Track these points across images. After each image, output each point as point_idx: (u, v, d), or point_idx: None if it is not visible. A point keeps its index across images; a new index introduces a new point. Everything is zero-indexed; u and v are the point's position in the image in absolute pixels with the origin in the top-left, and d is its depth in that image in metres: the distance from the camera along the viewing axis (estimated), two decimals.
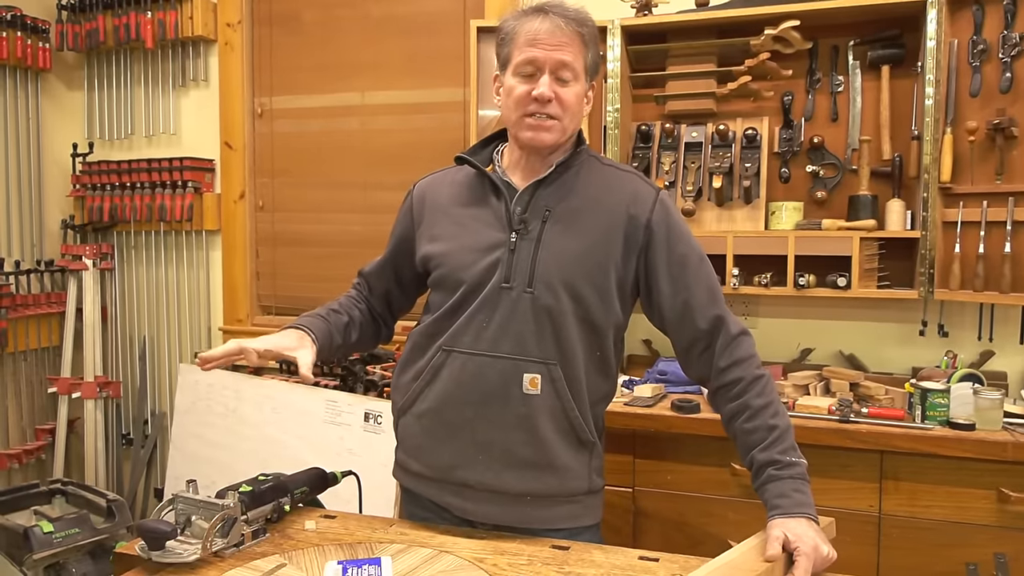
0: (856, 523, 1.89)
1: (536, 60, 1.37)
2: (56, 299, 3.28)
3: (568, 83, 1.38)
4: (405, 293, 1.64)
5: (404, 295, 1.64)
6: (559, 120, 1.39)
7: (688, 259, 1.43)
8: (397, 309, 1.67)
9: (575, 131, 1.46)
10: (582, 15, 1.40)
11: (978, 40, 2.08)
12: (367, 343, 1.66)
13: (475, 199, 1.47)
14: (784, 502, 1.28)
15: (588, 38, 1.40)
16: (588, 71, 1.42)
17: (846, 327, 2.42)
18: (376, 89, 3.00)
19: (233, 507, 1.29)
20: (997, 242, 2.05)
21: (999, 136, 2.04)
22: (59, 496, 2.84)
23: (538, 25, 1.37)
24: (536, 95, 1.36)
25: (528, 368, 1.38)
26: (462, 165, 1.53)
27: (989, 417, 1.86)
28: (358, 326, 1.60)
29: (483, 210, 1.45)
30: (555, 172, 1.44)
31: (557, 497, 1.42)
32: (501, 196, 1.44)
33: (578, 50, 1.38)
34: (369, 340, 1.66)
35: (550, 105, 1.37)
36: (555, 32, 1.36)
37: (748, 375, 1.38)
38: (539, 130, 1.39)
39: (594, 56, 1.43)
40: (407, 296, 1.65)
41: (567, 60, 1.36)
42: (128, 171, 3.22)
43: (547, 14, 1.38)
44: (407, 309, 1.69)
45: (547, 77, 1.37)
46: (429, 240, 1.49)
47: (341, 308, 1.59)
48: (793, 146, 2.37)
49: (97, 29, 3.22)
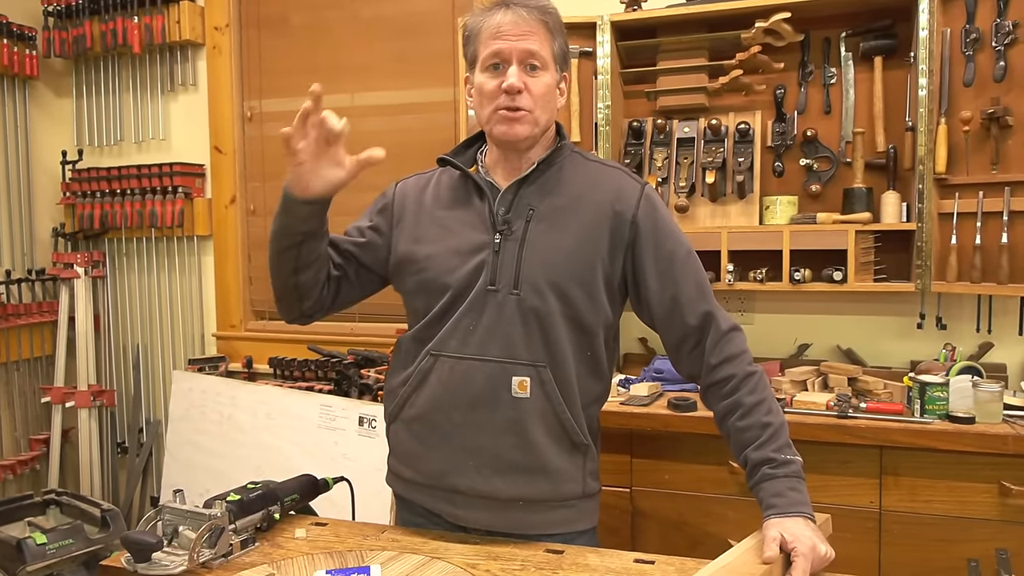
0: (857, 519, 1.87)
1: (502, 52, 1.35)
2: (48, 308, 3.26)
3: (537, 72, 1.36)
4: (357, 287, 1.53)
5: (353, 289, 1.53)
6: (531, 111, 1.36)
7: (676, 254, 1.40)
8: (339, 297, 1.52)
9: (549, 123, 1.42)
10: (543, 4, 1.38)
11: (971, 29, 2.06)
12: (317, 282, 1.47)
13: (458, 201, 1.45)
14: (780, 501, 1.25)
15: (553, 26, 1.38)
16: (557, 60, 1.39)
17: (843, 321, 2.40)
18: (365, 90, 2.98)
19: (220, 517, 1.27)
20: (994, 233, 2.03)
21: (994, 125, 2.02)
22: (53, 507, 2.82)
23: (500, 18, 1.35)
24: (505, 87, 1.34)
25: (517, 371, 1.35)
26: (445, 166, 1.50)
27: (989, 410, 1.84)
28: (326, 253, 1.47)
29: (466, 212, 1.43)
30: (537, 170, 1.41)
31: (550, 502, 1.40)
32: (484, 196, 1.42)
33: (544, 38, 1.36)
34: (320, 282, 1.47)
35: (520, 96, 1.34)
36: (518, 22, 1.34)
37: (740, 372, 1.36)
38: (511, 122, 1.36)
39: (561, 45, 1.40)
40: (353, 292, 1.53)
41: (533, 48, 1.35)
42: (118, 178, 3.20)
43: (508, 7, 1.36)
44: (338, 308, 1.54)
45: (515, 67, 1.34)
46: (410, 242, 1.46)
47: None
48: (786, 140, 2.35)
49: (84, 35, 3.20)
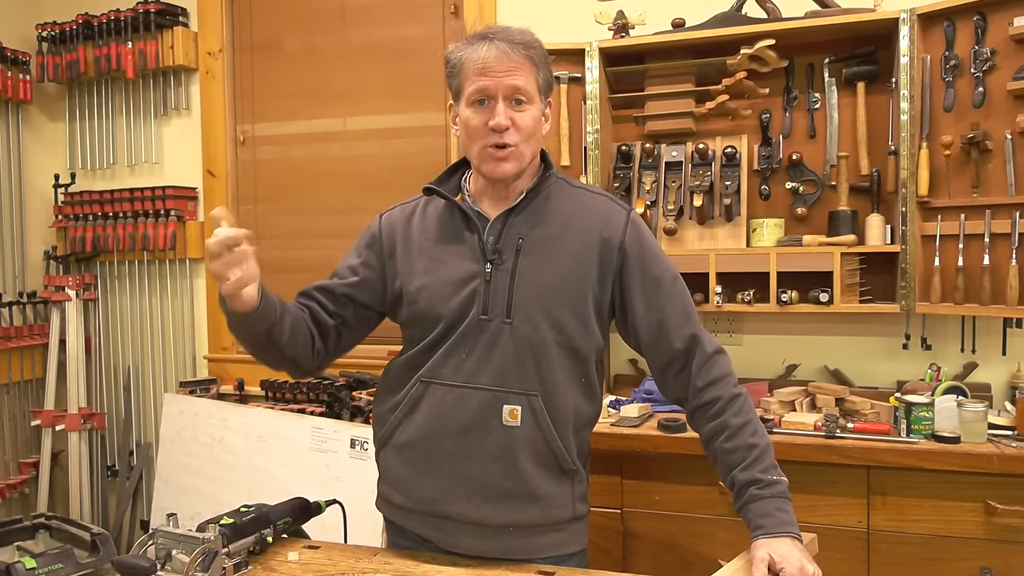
0: (845, 539, 1.88)
1: (488, 89, 1.36)
2: (39, 331, 3.26)
3: (523, 107, 1.37)
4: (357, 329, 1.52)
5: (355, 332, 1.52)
6: (517, 146, 1.38)
7: (662, 280, 1.43)
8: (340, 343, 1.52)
9: (535, 154, 1.44)
10: (527, 37, 1.39)
11: (950, 56, 2.10)
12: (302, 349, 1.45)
13: (446, 231, 1.46)
14: (768, 522, 1.27)
15: (537, 59, 1.39)
16: (541, 91, 1.41)
17: (830, 342, 2.43)
18: (357, 115, 3.01)
19: (214, 540, 1.27)
20: (976, 255, 2.07)
21: (974, 150, 2.06)
22: (43, 531, 2.80)
23: (484, 53, 1.36)
24: (493, 125, 1.35)
25: (508, 399, 1.37)
26: (431, 196, 1.51)
27: (974, 429, 1.87)
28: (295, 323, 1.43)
29: (456, 242, 1.44)
30: (525, 199, 1.43)
31: (540, 527, 1.41)
32: (473, 227, 1.43)
33: (529, 72, 1.37)
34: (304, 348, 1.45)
35: (508, 133, 1.36)
36: (503, 58, 1.35)
37: (726, 394, 1.38)
38: (499, 161, 1.38)
39: (546, 75, 1.42)
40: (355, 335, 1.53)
41: (519, 84, 1.36)
42: (111, 201, 3.21)
43: (492, 40, 1.36)
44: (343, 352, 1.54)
45: (501, 105, 1.36)
46: (402, 275, 1.46)
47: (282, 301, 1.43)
48: (772, 163, 2.39)
49: (78, 60, 3.22)
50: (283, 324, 1.40)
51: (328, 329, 1.50)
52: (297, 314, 1.45)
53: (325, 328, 1.49)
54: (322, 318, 1.49)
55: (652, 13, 2.47)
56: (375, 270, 1.51)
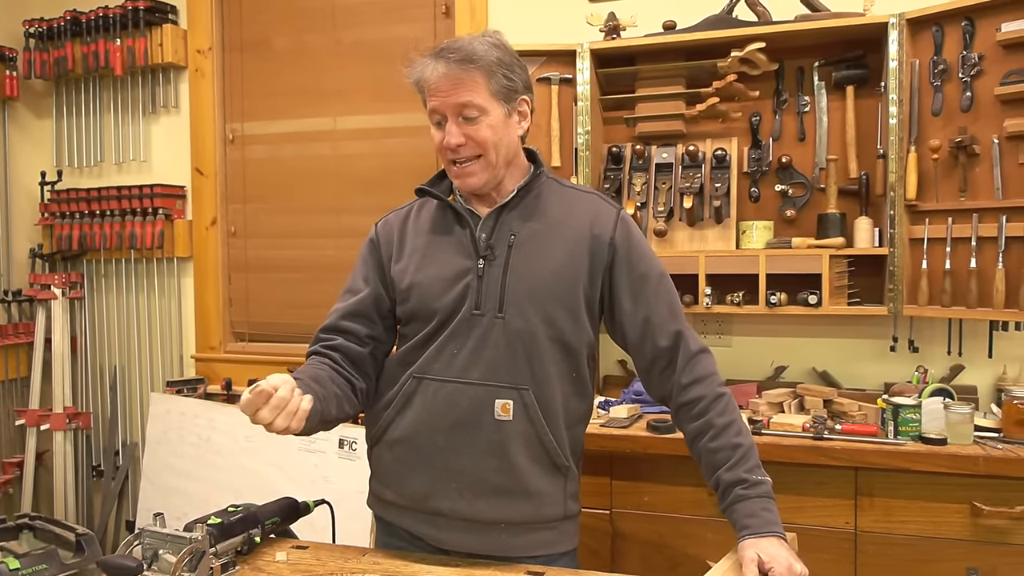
0: (832, 540, 1.89)
1: (437, 109, 1.38)
2: (24, 329, 3.23)
3: (476, 120, 1.37)
4: (388, 332, 1.53)
5: (387, 335, 1.53)
6: (481, 157, 1.39)
7: (649, 276, 1.44)
8: (381, 354, 1.53)
9: (510, 158, 1.44)
10: (468, 50, 1.37)
11: (938, 60, 2.12)
12: (349, 404, 1.45)
13: (439, 229, 1.47)
14: (754, 522, 1.28)
15: (484, 68, 1.37)
16: (498, 97, 1.39)
17: (819, 344, 2.44)
18: (348, 114, 3.00)
19: (201, 540, 1.27)
20: (963, 258, 2.08)
21: (961, 154, 2.08)
22: (27, 531, 2.78)
23: (430, 73, 1.38)
24: (444, 144, 1.38)
25: (500, 394, 1.37)
26: (423, 197, 1.52)
27: (960, 431, 1.88)
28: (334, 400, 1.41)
29: (448, 239, 1.45)
30: (517, 196, 1.44)
31: (532, 524, 1.41)
32: (465, 223, 1.44)
33: (477, 83, 1.36)
34: (351, 403, 1.46)
35: (463, 148, 1.38)
36: (445, 77, 1.36)
37: (710, 393, 1.39)
38: (464, 176, 1.41)
39: (500, 80, 1.39)
40: (389, 336, 1.54)
41: (464, 100, 1.36)
42: (98, 199, 3.19)
43: (436, 59, 1.38)
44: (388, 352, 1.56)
45: (451, 124, 1.37)
46: (399, 274, 1.48)
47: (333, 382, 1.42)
48: (762, 166, 2.40)
49: (65, 57, 3.20)
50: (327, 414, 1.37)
51: (365, 359, 1.49)
52: (330, 385, 1.40)
53: (361, 361, 1.49)
54: (355, 353, 1.48)
55: (643, 15, 2.47)
56: (381, 277, 1.52)
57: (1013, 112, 2.00)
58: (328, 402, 1.37)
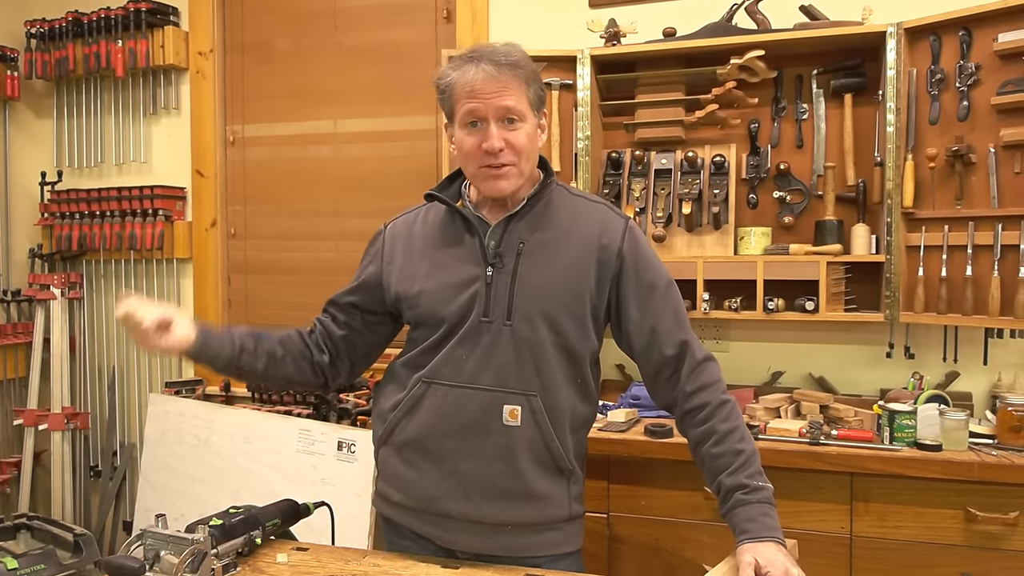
0: (828, 545, 1.91)
1: (478, 111, 1.37)
2: (23, 329, 3.23)
3: (516, 126, 1.38)
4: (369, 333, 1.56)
5: (366, 336, 1.56)
6: (514, 165, 1.39)
7: (656, 286, 1.45)
8: (357, 351, 1.57)
9: (533, 168, 1.46)
10: (513, 56, 1.38)
11: (936, 70, 2.14)
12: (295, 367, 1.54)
13: (448, 236, 1.48)
14: (753, 526, 1.29)
15: (526, 76, 1.39)
16: (533, 106, 1.41)
17: (815, 350, 2.45)
18: (348, 117, 3.01)
19: (203, 541, 1.28)
20: (959, 265, 2.10)
21: (958, 162, 2.09)
22: (24, 531, 2.78)
23: (472, 75, 1.36)
24: (486, 148, 1.37)
25: (508, 400, 1.39)
26: (432, 202, 1.53)
27: (955, 438, 1.90)
28: (279, 343, 1.53)
29: (457, 246, 1.46)
30: (527, 205, 1.45)
31: (537, 525, 1.43)
32: (474, 231, 1.45)
33: (518, 90, 1.38)
34: (298, 364, 1.54)
35: (503, 153, 1.38)
36: (490, 80, 1.36)
37: (714, 400, 1.41)
38: (497, 179, 1.40)
39: (536, 91, 1.41)
40: (370, 339, 1.57)
41: (510, 104, 1.36)
42: (98, 199, 3.19)
43: (479, 62, 1.37)
44: (370, 358, 1.60)
45: (493, 127, 1.37)
46: (403, 280, 1.49)
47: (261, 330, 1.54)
48: (760, 172, 2.42)
49: (67, 58, 3.20)
50: (252, 356, 1.50)
51: (338, 340, 1.57)
52: (287, 339, 1.55)
53: (334, 340, 1.57)
54: (332, 330, 1.57)
55: (644, 22, 2.49)
56: (375, 276, 1.54)
57: (1009, 121, 2.02)
58: (259, 344, 1.51)
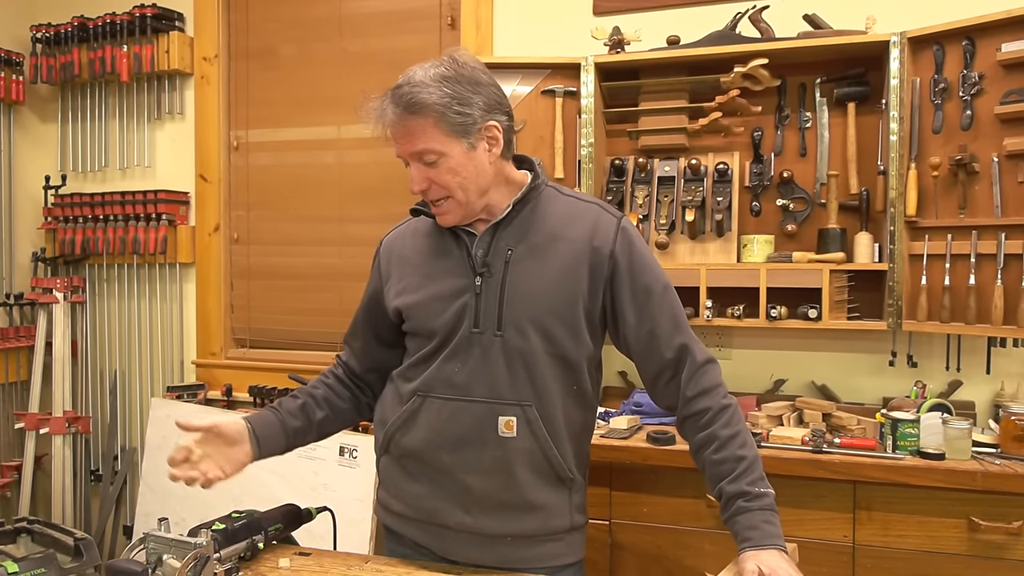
0: (831, 554, 1.90)
1: (400, 154, 1.39)
2: (25, 333, 3.23)
3: (435, 163, 1.35)
4: (390, 348, 1.56)
5: (389, 351, 1.56)
6: (447, 198, 1.38)
7: (652, 289, 1.42)
8: (385, 367, 1.57)
9: (485, 188, 1.39)
10: (413, 97, 1.32)
11: (939, 79, 2.14)
12: (344, 416, 1.61)
13: (436, 248, 1.47)
14: (755, 534, 1.28)
15: (433, 111, 1.32)
16: (455, 135, 1.34)
17: (818, 358, 2.45)
18: (352, 123, 3.02)
19: (206, 546, 1.28)
20: (962, 274, 2.10)
21: (961, 172, 2.10)
22: (24, 535, 2.77)
23: (385, 118, 1.36)
24: (412, 191, 1.39)
25: (503, 411, 1.38)
26: (418, 216, 1.53)
27: (958, 446, 1.89)
28: (322, 402, 1.57)
29: (446, 258, 1.45)
30: (513, 211, 1.43)
31: (538, 537, 1.42)
32: (461, 242, 1.44)
33: (427, 130, 1.33)
34: (347, 412, 1.61)
35: (430, 191, 1.38)
36: (395, 126, 1.35)
37: (715, 405, 1.39)
38: (439, 214, 1.42)
39: (453, 118, 1.33)
40: (393, 352, 1.56)
41: (420, 148, 1.34)
42: (101, 203, 3.20)
43: (387, 104, 1.35)
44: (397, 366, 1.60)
45: (413, 169, 1.37)
46: (397, 294, 1.49)
47: (299, 392, 1.57)
48: (763, 180, 2.42)
49: (72, 62, 3.22)
50: (304, 435, 1.56)
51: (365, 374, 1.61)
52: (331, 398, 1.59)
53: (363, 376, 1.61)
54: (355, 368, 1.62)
55: (647, 30, 2.50)
56: (377, 292, 1.56)
57: (1013, 131, 2.02)
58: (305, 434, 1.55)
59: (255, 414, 1.50)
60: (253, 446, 1.45)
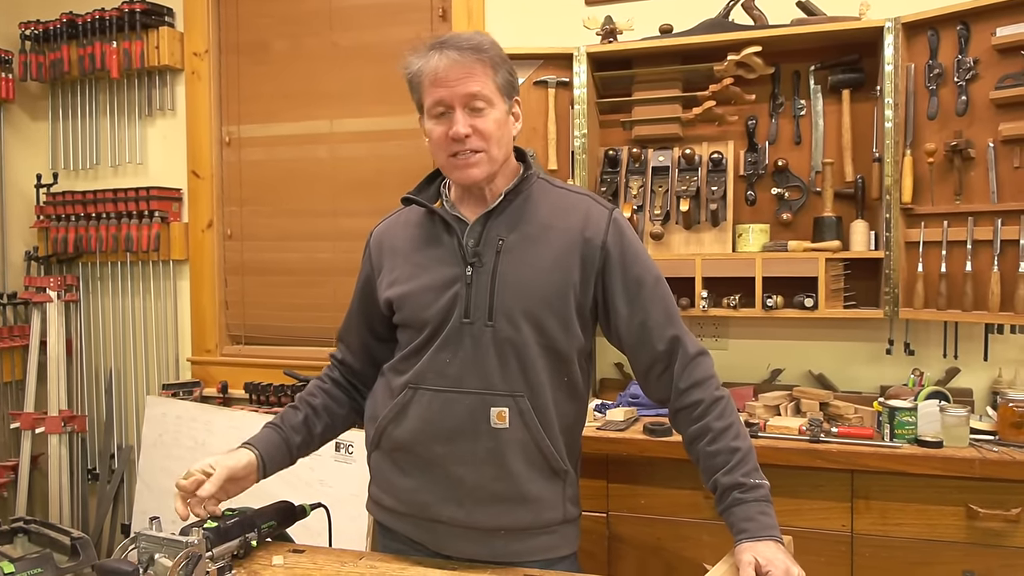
0: (829, 543, 1.90)
1: (444, 99, 1.35)
2: (19, 332, 3.22)
3: (483, 112, 1.35)
4: (384, 342, 1.55)
5: (384, 344, 1.55)
6: (484, 151, 1.37)
7: (644, 280, 1.42)
8: (381, 362, 1.56)
9: (506, 156, 1.43)
10: (477, 41, 1.36)
11: (934, 64, 2.13)
12: (344, 421, 1.62)
13: (427, 237, 1.46)
14: (751, 525, 1.28)
15: (492, 61, 1.36)
16: (503, 92, 1.38)
17: (815, 347, 2.44)
18: (345, 117, 3.00)
19: (198, 544, 1.26)
20: (958, 261, 2.09)
21: (957, 158, 2.08)
22: (21, 535, 2.76)
23: (436, 63, 1.35)
24: (452, 134, 1.35)
25: (495, 402, 1.37)
26: (410, 205, 1.51)
27: (956, 434, 1.88)
28: (322, 412, 1.57)
29: (436, 247, 1.44)
30: (504, 200, 1.42)
31: (531, 529, 1.41)
32: (452, 231, 1.42)
33: (485, 76, 1.35)
34: (346, 417, 1.61)
35: (470, 140, 1.35)
36: (454, 66, 1.34)
37: (708, 397, 1.39)
38: (466, 167, 1.37)
39: (504, 76, 1.39)
40: (387, 346, 1.54)
41: (475, 90, 1.34)
42: (93, 201, 3.18)
43: (443, 50, 1.35)
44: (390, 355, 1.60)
45: (459, 114, 1.35)
46: (389, 285, 1.48)
47: (299, 404, 1.57)
48: (758, 169, 2.41)
49: (61, 59, 3.19)
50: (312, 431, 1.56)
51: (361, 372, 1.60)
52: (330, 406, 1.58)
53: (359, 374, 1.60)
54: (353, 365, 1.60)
55: (640, 19, 2.48)
56: (369, 283, 1.55)
57: (1008, 116, 2.01)
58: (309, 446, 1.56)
59: (260, 437, 1.50)
60: (260, 473, 1.47)
